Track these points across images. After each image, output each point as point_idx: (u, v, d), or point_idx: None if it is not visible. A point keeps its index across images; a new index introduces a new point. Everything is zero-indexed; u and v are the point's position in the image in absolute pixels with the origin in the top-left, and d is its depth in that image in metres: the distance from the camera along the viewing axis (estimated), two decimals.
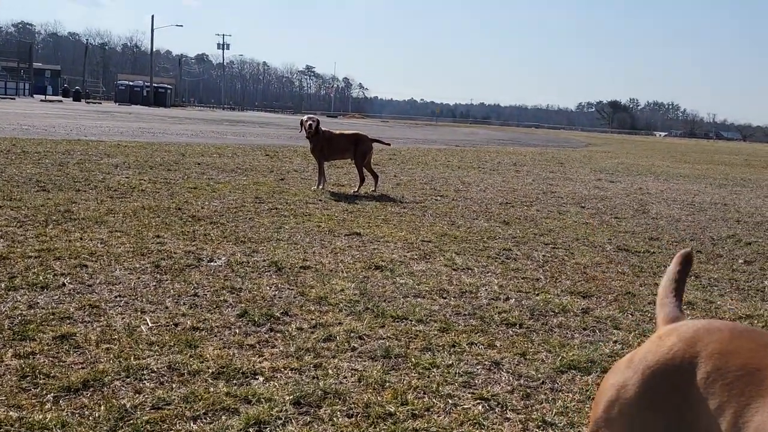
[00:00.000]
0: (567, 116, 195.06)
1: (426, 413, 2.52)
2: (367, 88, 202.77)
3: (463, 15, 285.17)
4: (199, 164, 10.69)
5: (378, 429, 2.36)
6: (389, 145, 11.50)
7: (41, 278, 3.86)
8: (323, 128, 9.17)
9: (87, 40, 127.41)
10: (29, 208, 5.90)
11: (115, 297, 3.68)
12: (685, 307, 4.12)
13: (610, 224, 7.44)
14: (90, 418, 2.32)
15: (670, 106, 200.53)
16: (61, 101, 54.80)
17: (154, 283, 3.97)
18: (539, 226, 6.97)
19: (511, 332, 3.54)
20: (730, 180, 15.47)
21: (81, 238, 4.93)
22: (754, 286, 4.93)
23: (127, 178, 8.40)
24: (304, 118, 9.13)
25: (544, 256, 5.52)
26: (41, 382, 2.56)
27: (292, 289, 4.05)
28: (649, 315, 3.98)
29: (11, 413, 2.29)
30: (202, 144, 15.47)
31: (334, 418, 2.43)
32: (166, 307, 3.56)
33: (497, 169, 14.10)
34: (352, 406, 2.54)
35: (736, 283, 5.01)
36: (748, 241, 6.84)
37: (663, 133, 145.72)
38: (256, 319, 3.46)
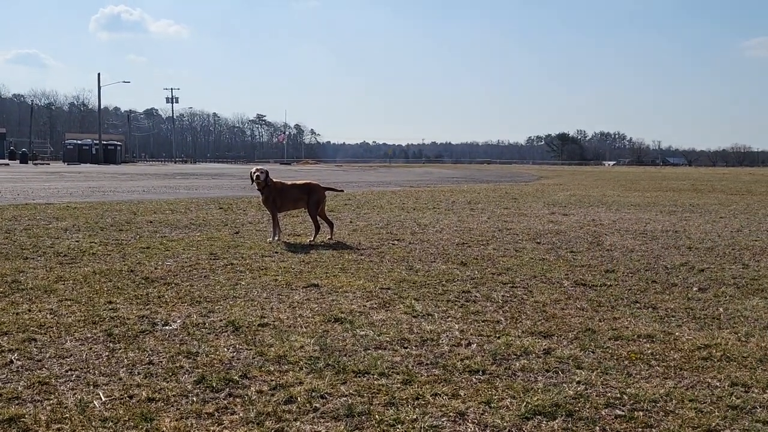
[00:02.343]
0: (518, 150, 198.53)
1: None
2: (319, 134, 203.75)
3: (410, 57, 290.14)
4: (151, 222, 10.52)
5: None
6: (342, 191, 11.53)
7: None
8: (275, 179, 9.04)
9: (32, 101, 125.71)
10: None
11: (66, 371, 3.55)
12: (644, 340, 4.17)
13: (566, 259, 7.52)
14: None
15: (617, 136, 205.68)
16: (7, 164, 53.76)
17: (107, 353, 3.85)
18: (497, 265, 7.00)
19: (474, 379, 3.51)
20: (679, 206, 15.85)
21: (29, 310, 4.78)
22: (710, 314, 5.00)
23: (77, 242, 8.21)
24: (253, 169, 8.95)
25: (503, 296, 5.53)
26: None
27: (251, 349, 3.96)
28: (610, 352, 4.00)
29: None
30: (154, 200, 15.27)
31: None
32: (120, 378, 3.44)
33: (452, 209, 14.20)
34: None
35: (692, 311, 5.08)
36: (701, 268, 6.97)
37: (612, 162, 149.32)
38: (214, 384, 3.37)
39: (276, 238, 8.74)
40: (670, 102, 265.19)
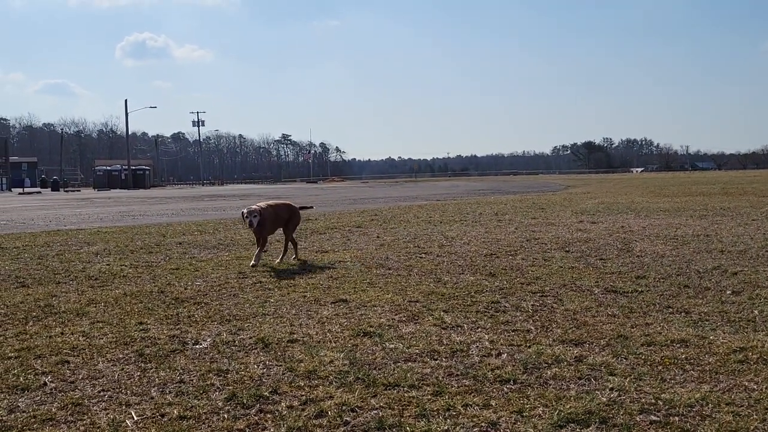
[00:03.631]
0: (544, 161, 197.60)
1: None
2: (344, 152, 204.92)
3: (432, 72, 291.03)
4: (180, 243, 10.63)
5: None
6: (312, 207, 11.50)
7: (21, 379, 3.76)
8: (262, 206, 8.39)
9: (62, 129, 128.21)
10: (8, 306, 5.80)
11: (99, 392, 3.58)
12: (678, 345, 4.10)
13: (595, 266, 7.44)
14: None
15: (644, 142, 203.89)
16: (39, 192, 54.78)
17: (139, 373, 3.88)
18: (525, 275, 6.94)
19: (505, 389, 3.48)
20: (710, 210, 15.61)
21: (62, 333, 4.84)
22: (744, 317, 4.91)
23: (107, 265, 8.32)
24: (245, 211, 8.16)
25: (533, 305, 5.48)
26: None
27: (281, 366, 3.97)
28: (643, 358, 3.94)
29: None
30: (182, 222, 15.43)
31: None
32: (152, 397, 3.47)
33: (479, 221, 14.14)
34: None
35: (726, 315, 4.99)
36: (734, 271, 6.85)
37: (639, 169, 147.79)
38: (245, 400, 3.38)
39: (259, 261, 8.14)
40: (698, 106, 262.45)
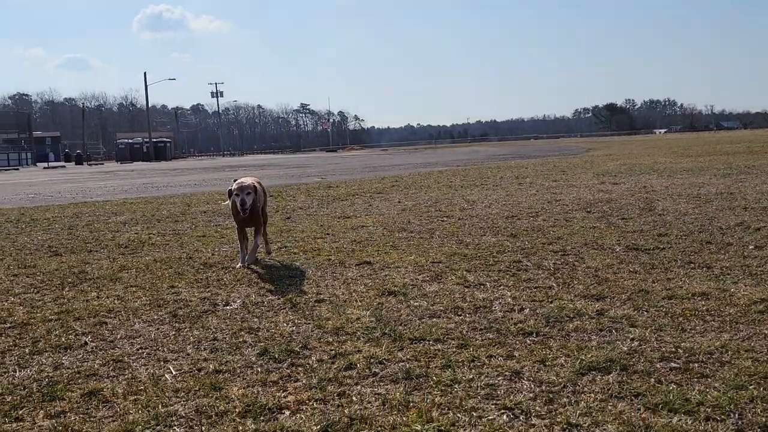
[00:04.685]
0: (565, 124, 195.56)
1: (452, 428, 2.55)
2: (363, 119, 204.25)
3: (451, 36, 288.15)
4: (205, 212, 10.80)
5: None
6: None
7: (63, 339, 3.93)
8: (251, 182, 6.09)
9: (83, 103, 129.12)
10: (44, 274, 5.99)
11: (137, 350, 3.74)
12: (699, 297, 4.17)
13: (617, 226, 7.48)
14: None
15: (667, 102, 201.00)
16: (63, 167, 55.41)
17: (174, 332, 4.03)
18: (547, 236, 7.01)
19: (528, 341, 3.58)
20: (734, 169, 15.48)
21: (98, 297, 5.01)
22: (766, 270, 4.95)
23: (136, 233, 8.50)
24: (233, 186, 5.97)
25: (554, 264, 5.56)
26: None
27: (309, 323, 4.10)
28: (664, 310, 4.01)
29: None
30: (206, 192, 15.62)
31: None
32: (188, 354, 3.61)
33: (500, 184, 14.16)
34: (379, 429, 2.58)
35: (749, 269, 5.03)
36: (757, 227, 6.86)
37: (663, 130, 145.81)
38: (277, 355, 3.51)
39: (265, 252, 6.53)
40: (723, 64, 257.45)
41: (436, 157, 37.28)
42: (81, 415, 2.85)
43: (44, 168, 51.66)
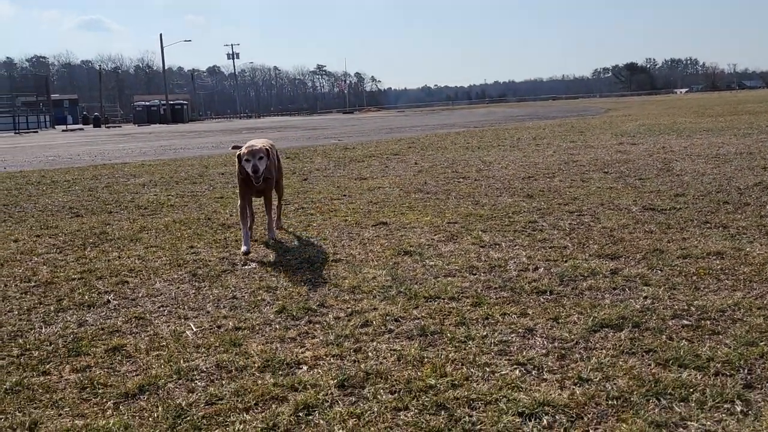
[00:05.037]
0: (584, 84, 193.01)
1: (465, 382, 2.61)
2: (379, 81, 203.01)
3: None
4: (222, 174, 10.87)
5: (420, 401, 2.47)
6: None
7: (87, 297, 4.03)
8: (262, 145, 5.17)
9: (100, 66, 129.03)
10: (66, 234, 6.10)
11: (159, 307, 3.83)
12: (714, 257, 4.18)
13: (634, 186, 7.45)
14: (149, 419, 2.46)
15: (689, 62, 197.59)
16: (82, 129, 55.69)
17: (194, 291, 4.12)
18: (563, 196, 7.01)
19: (542, 299, 3.62)
20: (755, 128, 15.28)
21: (119, 257, 5.11)
22: None
23: (155, 195, 8.60)
24: (243, 150, 5.06)
25: (570, 224, 5.57)
26: (100, 391, 2.71)
27: (326, 282, 4.17)
28: (678, 269, 4.03)
29: (76, 422, 2.44)
30: (223, 155, 15.68)
31: (378, 396, 2.54)
32: (208, 312, 3.70)
33: (517, 146, 14.10)
34: (394, 383, 2.65)
35: (765, 228, 5.02)
36: None
37: (684, 90, 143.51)
38: (295, 313, 3.58)
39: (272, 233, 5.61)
40: (745, 22, 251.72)
41: (453, 119, 37.05)
42: (105, 370, 2.94)
43: (63, 131, 51.95)
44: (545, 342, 3.01)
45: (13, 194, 9.29)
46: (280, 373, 2.82)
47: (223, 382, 2.75)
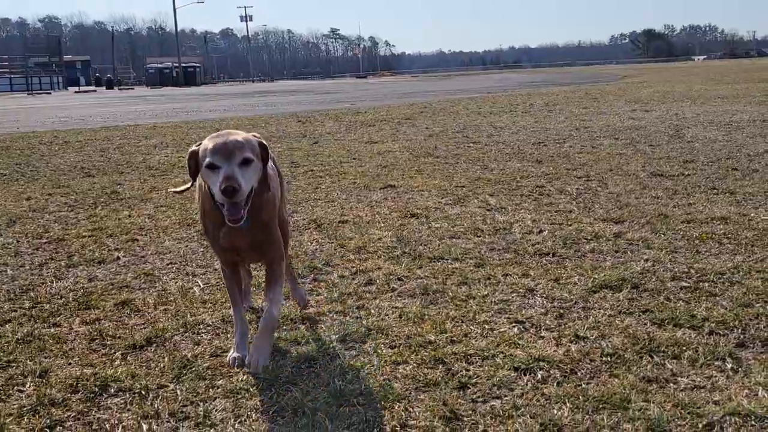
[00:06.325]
0: (600, 51, 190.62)
1: (464, 338, 2.67)
2: (394, 45, 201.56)
3: None
4: None
5: (419, 356, 2.53)
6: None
7: (97, 254, 4.11)
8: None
9: (112, 27, 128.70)
10: (77, 193, 6.18)
11: (167, 265, 3.90)
12: (718, 222, 4.20)
13: (644, 152, 7.43)
14: (156, 368, 2.53)
15: (708, 28, 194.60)
16: (95, 91, 55.72)
17: (202, 250, 4.18)
18: (572, 162, 7.01)
19: (544, 261, 3.67)
20: None
21: (129, 216, 5.18)
22: None
23: (166, 156, 8.66)
24: (205, 145, 2.51)
25: (577, 189, 5.59)
26: (109, 342, 2.79)
27: (332, 242, 4.22)
28: (681, 233, 4.05)
29: (85, 370, 2.52)
30: (235, 118, 15.70)
31: (378, 350, 2.61)
32: (215, 269, 3.76)
33: (529, 111, 14.03)
34: (395, 338, 2.71)
35: None
36: None
37: (702, 57, 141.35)
38: (300, 271, 3.64)
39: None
40: None
41: (466, 84, 36.78)
42: (114, 322, 3.03)
43: (75, 92, 52.01)
44: (545, 302, 3.06)
45: (25, 154, 9.38)
46: (285, 328, 2.89)
47: (229, 335, 2.82)
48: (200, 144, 2.52)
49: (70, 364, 2.60)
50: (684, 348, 2.48)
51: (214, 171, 2.38)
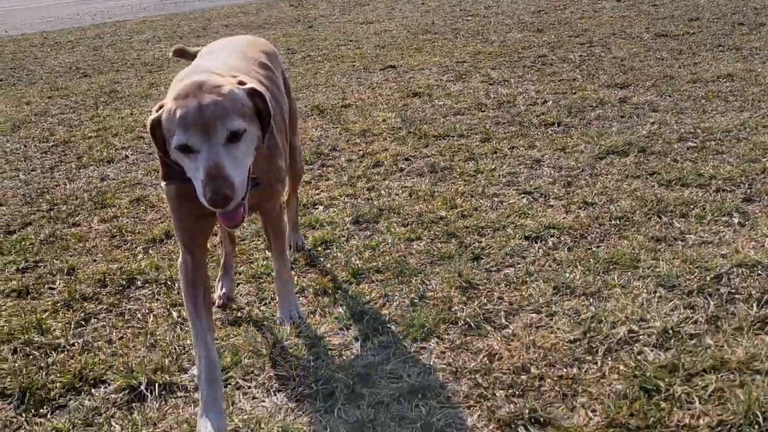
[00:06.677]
0: None
1: (474, 212, 2.73)
2: None
3: None
4: (226, 26, 10.64)
5: (432, 231, 2.60)
6: None
7: (105, 154, 4.13)
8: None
9: None
10: (77, 95, 6.12)
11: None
12: (724, 79, 4.16)
13: (647, 13, 7.24)
14: (178, 260, 2.61)
15: None
16: None
17: None
18: (574, 28, 6.85)
19: (550, 131, 3.67)
20: None
21: (131, 114, 5.16)
22: None
23: (160, 51, 8.49)
24: (168, 108, 1.72)
25: (580, 56, 5.50)
26: (129, 238, 2.87)
27: (337, 127, 4.22)
28: (687, 94, 4.03)
29: (111, 266, 2.60)
30: (225, 6, 15.24)
31: (392, 229, 2.67)
32: None
33: None
34: (406, 216, 2.77)
35: None
36: None
37: None
38: (307, 158, 3.67)
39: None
40: None
41: None
42: (132, 219, 3.09)
43: None
44: (552, 171, 3.09)
45: (18, 58, 9.21)
46: (299, 213, 2.95)
47: (245, 224, 2.88)
48: (162, 107, 1.75)
49: (95, 260, 2.68)
50: (691, 206, 2.53)
51: (190, 156, 1.62)
